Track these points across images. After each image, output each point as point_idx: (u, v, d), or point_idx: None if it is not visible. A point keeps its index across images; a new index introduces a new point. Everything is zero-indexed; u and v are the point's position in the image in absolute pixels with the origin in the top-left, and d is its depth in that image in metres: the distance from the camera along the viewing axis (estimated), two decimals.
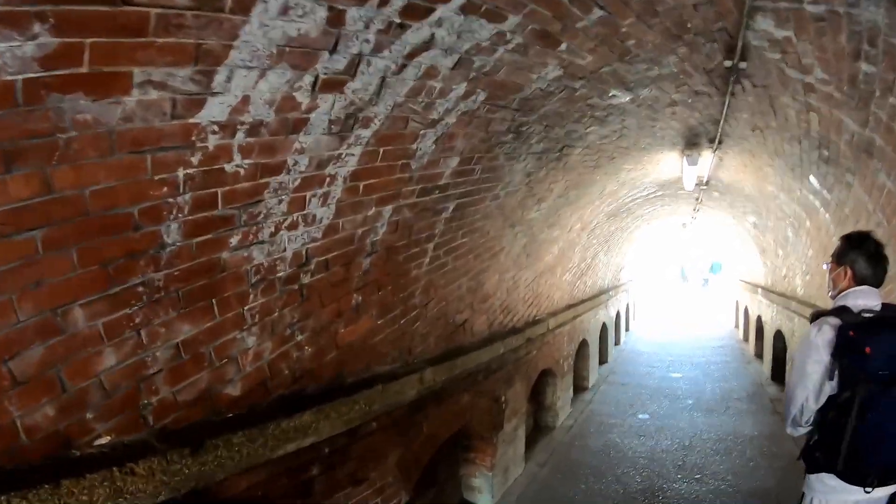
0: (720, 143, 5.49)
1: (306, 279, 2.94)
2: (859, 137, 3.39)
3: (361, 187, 2.94)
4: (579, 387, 10.75)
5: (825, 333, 2.58)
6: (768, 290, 11.22)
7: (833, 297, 2.79)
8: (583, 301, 9.95)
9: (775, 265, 10.22)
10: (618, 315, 14.91)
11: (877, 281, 2.69)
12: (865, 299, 2.63)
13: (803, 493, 2.83)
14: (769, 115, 4.18)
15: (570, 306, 8.81)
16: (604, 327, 12.61)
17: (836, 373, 2.52)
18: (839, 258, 2.77)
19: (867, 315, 2.55)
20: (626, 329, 16.89)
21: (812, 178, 4.97)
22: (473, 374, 5.08)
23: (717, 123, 4.77)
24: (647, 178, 7.56)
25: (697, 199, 10.59)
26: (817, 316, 2.74)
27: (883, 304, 2.64)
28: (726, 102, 4.09)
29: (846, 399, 2.48)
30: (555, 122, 3.94)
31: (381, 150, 2.86)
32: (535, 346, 6.90)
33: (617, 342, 14.94)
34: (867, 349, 2.42)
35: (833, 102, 3.28)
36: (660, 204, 11.08)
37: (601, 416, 9.20)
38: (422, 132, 3.01)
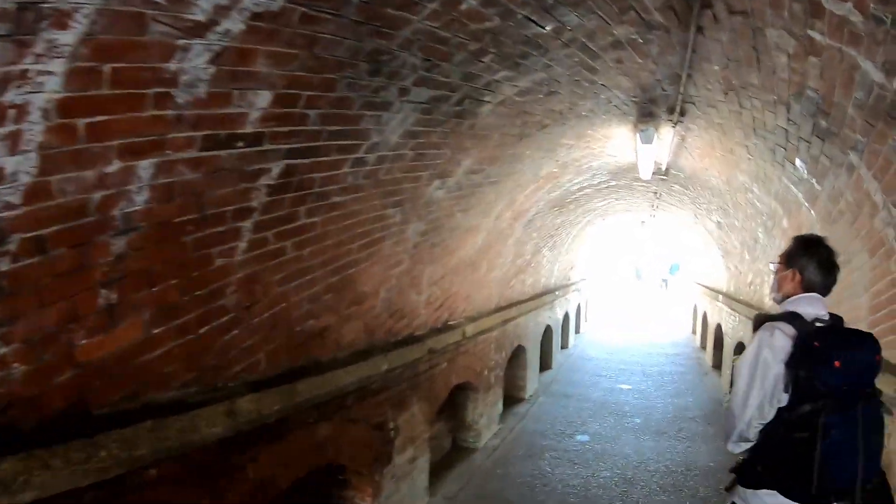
0: (682, 113, 4.46)
1: (4, 265, 1.90)
2: (880, 93, 2.37)
3: (83, 128, 1.87)
4: (514, 398, 9.90)
5: (778, 340, 2.45)
6: (730, 298, 10.41)
7: (777, 301, 2.74)
8: (520, 302, 8.97)
9: (740, 270, 9.34)
10: (566, 317, 14.19)
11: (825, 289, 2.63)
12: (816, 308, 2.55)
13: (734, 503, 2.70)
14: (750, 65, 3.13)
15: (500, 308, 7.79)
16: (548, 330, 11.77)
17: (791, 385, 2.39)
18: (789, 260, 2.68)
19: (820, 324, 2.46)
20: (577, 331, 16.45)
21: (799, 162, 3.98)
22: (339, 398, 4.01)
23: (678, 81, 3.72)
24: (594, 160, 6.51)
25: (656, 194, 9.73)
26: (763, 320, 2.61)
27: (829, 314, 2.57)
28: (690, 43, 3.04)
29: (806, 414, 2.35)
30: (438, 55, 2.82)
31: (107, 67, 1.79)
32: (445, 357, 5.84)
33: (565, 346, 14.33)
34: (836, 363, 2.31)
35: (848, 35, 2.22)
36: (614, 198, 10.21)
37: (534, 436, 8.22)
38: (181, 43, 1.90)
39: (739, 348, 9.60)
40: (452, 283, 5.68)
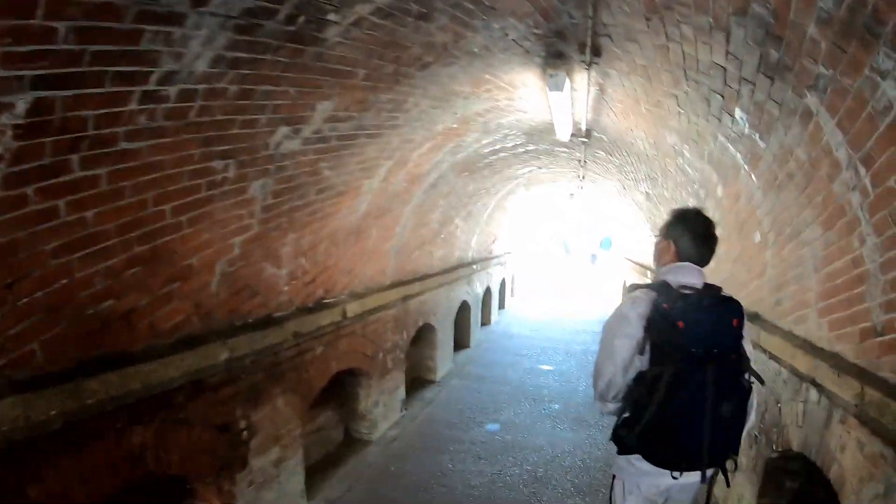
0: (597, 51, 4.04)
1: None
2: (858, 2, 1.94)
3: None
4: (423, 381, 9.67)
5: (639, 306, 2.67)
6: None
7: (657, 272, 2.95)
8: (426, 276, 8.59)
9: None
10: (488, 292, 14.06)
11: (701, 260, 2.83)
12: (687, 277, 2.75)
13: (614, 476, 3.03)
14: None
15: (399, 284, 7.38)
16: (464, 307, 11.53)
17: (648, 348, 2.61)
18: (666, 232, 2.90)
19: (686, 291, 2.64)
20: (501, 307, 16.54)
21: (739, 113, 3.60)
22: (162, 396, 3.50)
23: (585, 2, 3.29)
24: (503, 116, 6.10)
25: (580, 162, 9.45)
26: (634, 289, 2.82)
27: (705, 284, 2.76)
28: None
29: (655, 376, 2.53)
30: None
31: None
32: (321, 340, 5.38)
33: (486, 322, 14.30)
34: (680, 323, 2.49)
35: None
36: (536, 165, 9.90)
37: (439, 426, 7.91)
38: None
39: None
40: (329, 254, 5.21)
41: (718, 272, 6.07)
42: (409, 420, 8.03)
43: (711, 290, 2.72)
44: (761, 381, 2.75)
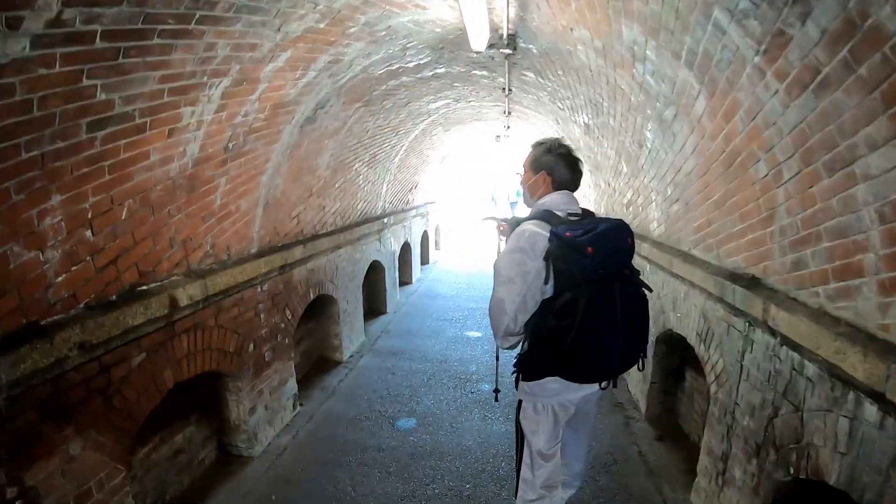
0: None
1: None
2: None
3: None
4: (328, 361, 8.62)
5: (535, 238, 2.91)
6: None
7: (531, 206, 3.28)
8: (316, 237, 7.32)
9: (614, 187, 8.06)
10: (406, 247, 13.23)
11: (575, 185, 3.24)
12: (568, 204, 3.14)
13: (520, 401, 3.39)
14: None
15: (273, 250, 6.07)
16: (376, 268, 10.61)
17: (551, 277, 2.86)
18: (534, 165, 3.24)
19: (574, 218, 3.04)
20: (425, 262, 16.28)
21: None
22: None
23: None
24: (394, 16, 4.73)
25: (506, 91, 8.28)
26: (518, 224, 3.08)
27: (582, 209, 3.16)
28: None
29: (568, 302, 2.79)
30: None
31: None
32: (138, 346, 3.99)
33: (407, 281, 13.95)
34: (589, 249, 2.76)
35: None
36: (452, 97, 8.79)
37: (339, 426, 6.78)
38: None
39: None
40: (140, 220, 3.82)
41: (690, 219, 5.00)
42: (305, 420, 6.83)
43: (590, 214, 3.18)
44: (649, 290, 3.14)
